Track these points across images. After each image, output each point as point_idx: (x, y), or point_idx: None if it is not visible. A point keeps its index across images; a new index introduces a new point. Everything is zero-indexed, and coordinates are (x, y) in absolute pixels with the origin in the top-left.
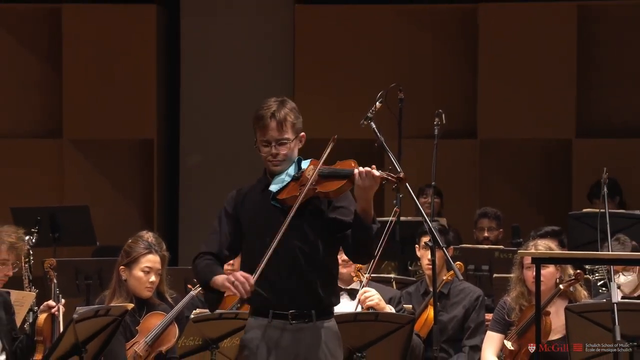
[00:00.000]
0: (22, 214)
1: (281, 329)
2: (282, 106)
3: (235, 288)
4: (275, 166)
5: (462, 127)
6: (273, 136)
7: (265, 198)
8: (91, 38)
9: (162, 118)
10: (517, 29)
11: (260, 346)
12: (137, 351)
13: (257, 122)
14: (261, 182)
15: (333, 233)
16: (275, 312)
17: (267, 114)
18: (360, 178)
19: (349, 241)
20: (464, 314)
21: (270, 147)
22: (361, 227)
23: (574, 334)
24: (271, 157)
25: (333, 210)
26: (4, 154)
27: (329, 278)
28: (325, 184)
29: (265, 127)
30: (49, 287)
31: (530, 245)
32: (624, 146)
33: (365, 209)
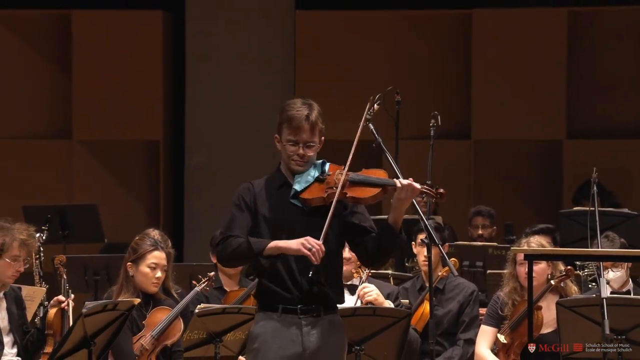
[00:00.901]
0: (33, 212)
1: (290, 323)
2: (313, 110)
3: (312, 254)
4: (299, 166)
5: (457, 129)
6: (303, 138)
7: (283, 195)
8: (100, 43)
9: (168, 120)
10: (510, 34)
11: (269, 340)
12: (144, 344)
13: (289, 122)
14: (275, 178)
15: (348, 236)
16: (285, 307)
17: (301, 116)
18: (402, 190)
19: (367, 247)
20: (459, 308)
21: (298, 148)
22: (391, 236)
23: (564, 327)
24: (297, 157)
25: (352, 214)
26: (16, 154)
27: (336, 277)
28: (357, 190)
29: (298, 128)
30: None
31: (523, 242)
32: (613, 147)
33: (397, 220)
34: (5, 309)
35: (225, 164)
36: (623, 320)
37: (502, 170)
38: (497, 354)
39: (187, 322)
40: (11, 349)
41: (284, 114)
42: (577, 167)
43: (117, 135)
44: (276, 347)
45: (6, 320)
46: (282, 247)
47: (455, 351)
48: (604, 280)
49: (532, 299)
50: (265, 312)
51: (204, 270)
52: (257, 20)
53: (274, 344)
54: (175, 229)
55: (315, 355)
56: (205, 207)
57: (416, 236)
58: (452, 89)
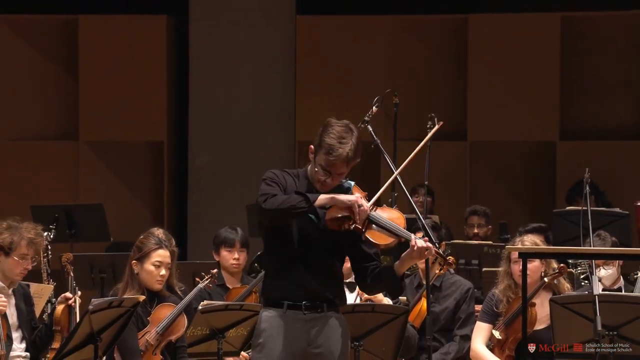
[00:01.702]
0: (40, 212)
1: (295, 318)
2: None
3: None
4: (322, 190)
5: (453, 130)
6: (336, 171)
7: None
8: (105, 47)
9: (172, 121)
10: (505, 38)
11: (274, 334)
12: (149, 340)
13: (328, 152)
14: (303, 183)
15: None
16: (290, 303)
17: (342, 154)
18: (416, 251)
19: (366, 278)
20: (455, 305)
21: (329, 176)
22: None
23: (557, 324)
24: (325, 183)
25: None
26: (24, 155)
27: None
28: (375, 234)
29: (334, 164)
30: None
31: (517, 241)
32: (605, 148)
33: (403, 270)
34: (14, 306)
35: (228, 164)
36: (614, 316)
37: (497, 171)
38: (492, 349)
39: (191, 318)
40: (20, 344)
41: (326, 140)
42: (570, 167)
43: (122, 137)
44: (281, 342)
45: (15, 316)
46: (336, 197)
47: (452, 347)
48: (596, 278)
49: (526, 296)
50: (270, 308)
51: (207, 268)
52: (258, 24)
53: (279, 339)
54: (178, 228)
55: (319, 350)
56: (208, 206)
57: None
58: (448, 91)
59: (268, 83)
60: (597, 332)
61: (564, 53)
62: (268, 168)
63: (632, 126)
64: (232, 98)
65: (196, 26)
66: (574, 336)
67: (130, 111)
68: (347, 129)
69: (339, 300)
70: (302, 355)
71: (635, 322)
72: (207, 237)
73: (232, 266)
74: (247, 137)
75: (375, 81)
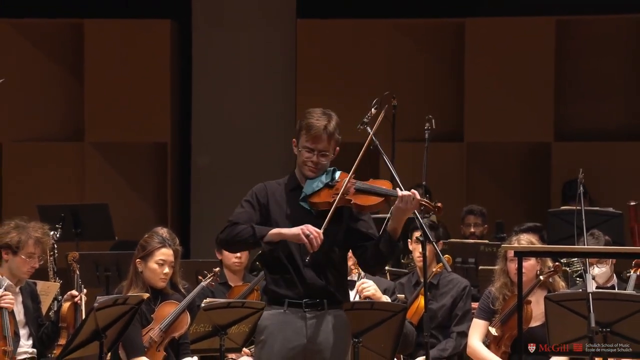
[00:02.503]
0: (47, 211)
1: (295, 316)
2: (332, 121)
3: (309, 240)
4: (311, 172)
5: (450, 132)
6: (319, 147)
7: (294, 198)
8: (110, 50)
9: (175, 123)
10: (501, 42)
11: (275, 332)
12: (153, 337)
13: (308, 129)
14: (290, 182)
15: (352, 241)
16: (291, 302)
17: (320, 126)
18: (403, 201)
19: (366, 252)
20: (452, 302)
21: (313, 155)
22: (390, 243)
23: (552, 321)
24: (311, 163)
25: (355, 221)
26: (31, 156)
27: (340, 277)
28: (361, 198)
29: (315, 137)
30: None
31: (513, 240)
32: (598, 149)
33: (396, 228)
34: (22, 303)
35: (229, 164)
36: (608, 313)
37: (493, 171)
38: (488, 345)
39: (194, 315)
40: (27, 341)
41: (304, 122)
42: (564, 168)
43: (126, 138)
44: (282, 338)
45: (22, 313)
46: (283, 232)
47: (449, 343)
48: (590, 276)
49: (522, 294)
50: (272, 305)
51: (210, 266)
52: (260, 28)
53: (280, 335)
54: (182, 227)
55: (319, 347)
56: (210, 205)
57: (412, 234)
58: (445, 94)
59: (269, 85)
60: (591, 329)
61: (558, 56)
62: (269, 168)
63: (625, 127)
64: (233, 100)
65: (199, 30)
66: (568, 333)
67: (134, 113)
68: (324, 112)
69: (341, 295)
70: (303, 352)
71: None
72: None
73: (234, 265)
74: (249, 138)
75: (374, 83)
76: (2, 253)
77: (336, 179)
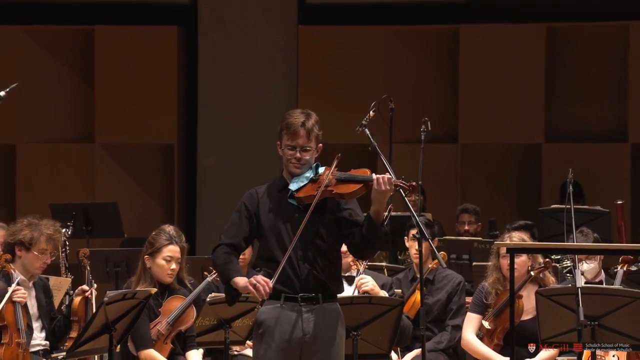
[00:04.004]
0: (59, 210)
1: (291, 310)
2: (310, 118)
3: (256, 291)
4: (296, 168)
5: (445, 133)
6: (299, 143)
7: (283, 197)
8: (120, 55)
9: (182, 125)
10: (493, 47)
11: (273, 326)
12: (160, 330)
13: (288, 128)
14: (278, 183)
15: (341, 230)
16: (287, 296)
17: (297, 123)
18: (378, 183)
19: (354, 238)
20: (447, 297)
21: (295, 152)
22: (373, 227)
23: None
24: (295, 160)
25: (342, 211)
26: (44, 157)
27: (334, 269)
28: (341, 187)
29: (294, 133)
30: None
31: (506, 237)
32: (587, 150)
33: (378, 211)
34: (35, 297)
35: (234, 165)
36: (596, 307)
37: (487, 171)
38: (482, 338)
39: (200, 309)
40: (40, 334)
41: (284, 122)
42: (554, 168)
43: (135, 140)
44: (279, 332)
45: (35, 307)
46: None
47: (444, 336)
48: (579, 272)
49: (514, 289)
50: (269, 300)
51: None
52: (263, 34)
53: (277, 329)
54: (188, 225)
55: (315, 339)
56: (215, 204)
57: (408, 231)
58: (440, 96)
59: (272, 89)
60: (580, 322)
61: (548, 61)
62: (271, 169)
63: (612, 130)
64: (238, 103)
65: (204, 36)
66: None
67: (142, 115)
68: (302, 110)
69: (335, 287)
70: (299, 344)
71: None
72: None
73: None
74: (252, 140)
75: (372, 87)
76: (15, 249)
77: (319, 174)
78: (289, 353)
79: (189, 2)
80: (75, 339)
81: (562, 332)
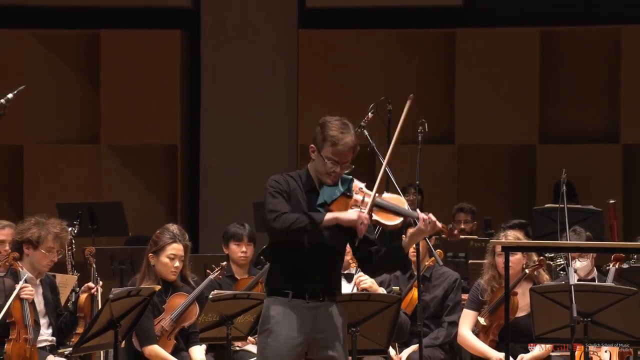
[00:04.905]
0: (65, 209)
1: (299, 306)
2: (353, 134)
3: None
4: (332, 181)
5: (442, 135)
6: (343, 160)
7: (310, 199)
8: (125, 58)
9: (185, 127)
10: (489, 50)
11: (281, 320)
12: (164, 326)
13: (334, 143)
14: (306, 180)
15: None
16: (295, 292)
17: (348, 142)
18: (425, 224)
19: (373, 258)
20: (444, 294)
21: (338, 167)
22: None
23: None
24: (334, 174)
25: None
26: (51, 157)
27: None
28: (382, 215)
29: (342, 152)
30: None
31: (501, 236)
32: (580, 151)
33: (411, 247)
34: (42, 294)
35: (236, 166)
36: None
37: (482, 172)
38: (477, 334)
39: (202, 306)
40: (47, 330)
41: (329, 133)
42: (548, 169)
43: (139, 141)
44: (288, 327)
45: (42, 304)
46: (340, 217)
47: (441, 332)
48: (572, 269)
49: (509, 286)
50: (276, 297)
51: (217, 260)
52: (264, 37)
53: (286, 325)
54: (191, 224)
55: (323, 335)
56: (217, 204)
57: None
58: (437, 99)
59: (273, 91)
60: (573, 319)
61: (543, 64)
62: (273, 169)
63: (605, 131)
64: (239, 105)
65: (207, 40)
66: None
67: (146, 117)
68: (344, 122)
69: (337, 290)
70: (307, 339)
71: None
72: (217, 232)
73: (240, 259)
74: (254, 141)
75: (371, 89)
76: (23, 248)
77: (352, 189)
78: (296, 348)
79: (192, 7)
80: (81, 334)
81: (555, 328)
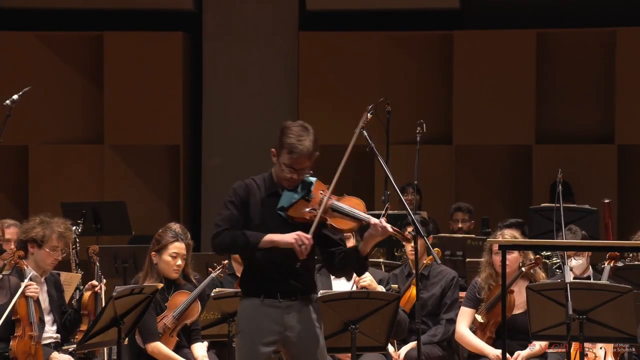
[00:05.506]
0: (69, 208)
1: (271, 306)
2: (313, 141)
3: (301, 249)
4: (290, 186)
5: (440, 135)
6: (300, 167)
7: (272, 203)
8: (128, 60)
9: (187, 127)
10: (486, 52)
11: (254, 321)
12: (166, 324)
13: (291, 151)
14: (268, 185)
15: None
16: (267, 293)
17: (303, 150)
18: (375, 229)
19: (334, 260)
20: (442, 292)
21: (294, 173)
22: (361, 264)
23: (533, 309)
24: (292, 180)
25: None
26: (55, 157)
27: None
28: (337, 220)
29: (297, 159)
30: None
31: (498, 234)
32: (576, 151)
33: (366, 250)
34: (46, 292)
35: (237, 165)
36: (584, 302)
37: (480, 172)
38: (474, 331)
39: (204, 304)
40: (51, 327)
41: (286, 140)
42: (544, 168)
43: (142, 141)
44: (260, 327)
45: (47, 302)
46: (276, 240)
47: (439, 329)
48: (568, 268)
49: (506, 284)
50: (249, 297)
51: (219, 259)
52: (265, 39)
53: (258, 325)
54: (193, 223)
55: (295, 333)
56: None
57: (404, 229)
58: (435, 100)
59: (273, 92)
60: (569, 316)
61: (539, 66)
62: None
63: (600, 132)
64: (241, 106)
65: (209, 42)
66: (548, 320)
67: (149, 118)
68: (304, 128)
69: (311, 289)
70: (280, 338)
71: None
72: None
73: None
74: (255, 141)
75: (369, 90)
76: (28, 246)
77: (312, 194)
78: (270, 347)
79: (194, 10)
80: (85, 332)
81: (551, 326)
